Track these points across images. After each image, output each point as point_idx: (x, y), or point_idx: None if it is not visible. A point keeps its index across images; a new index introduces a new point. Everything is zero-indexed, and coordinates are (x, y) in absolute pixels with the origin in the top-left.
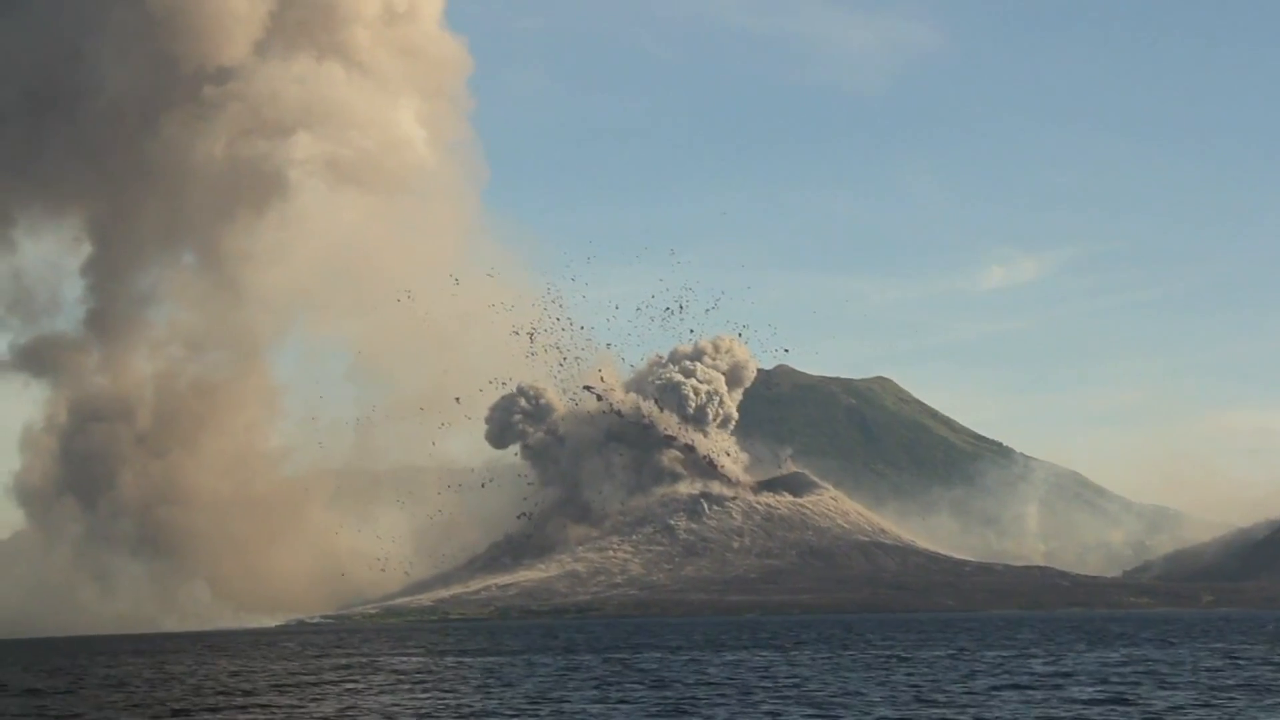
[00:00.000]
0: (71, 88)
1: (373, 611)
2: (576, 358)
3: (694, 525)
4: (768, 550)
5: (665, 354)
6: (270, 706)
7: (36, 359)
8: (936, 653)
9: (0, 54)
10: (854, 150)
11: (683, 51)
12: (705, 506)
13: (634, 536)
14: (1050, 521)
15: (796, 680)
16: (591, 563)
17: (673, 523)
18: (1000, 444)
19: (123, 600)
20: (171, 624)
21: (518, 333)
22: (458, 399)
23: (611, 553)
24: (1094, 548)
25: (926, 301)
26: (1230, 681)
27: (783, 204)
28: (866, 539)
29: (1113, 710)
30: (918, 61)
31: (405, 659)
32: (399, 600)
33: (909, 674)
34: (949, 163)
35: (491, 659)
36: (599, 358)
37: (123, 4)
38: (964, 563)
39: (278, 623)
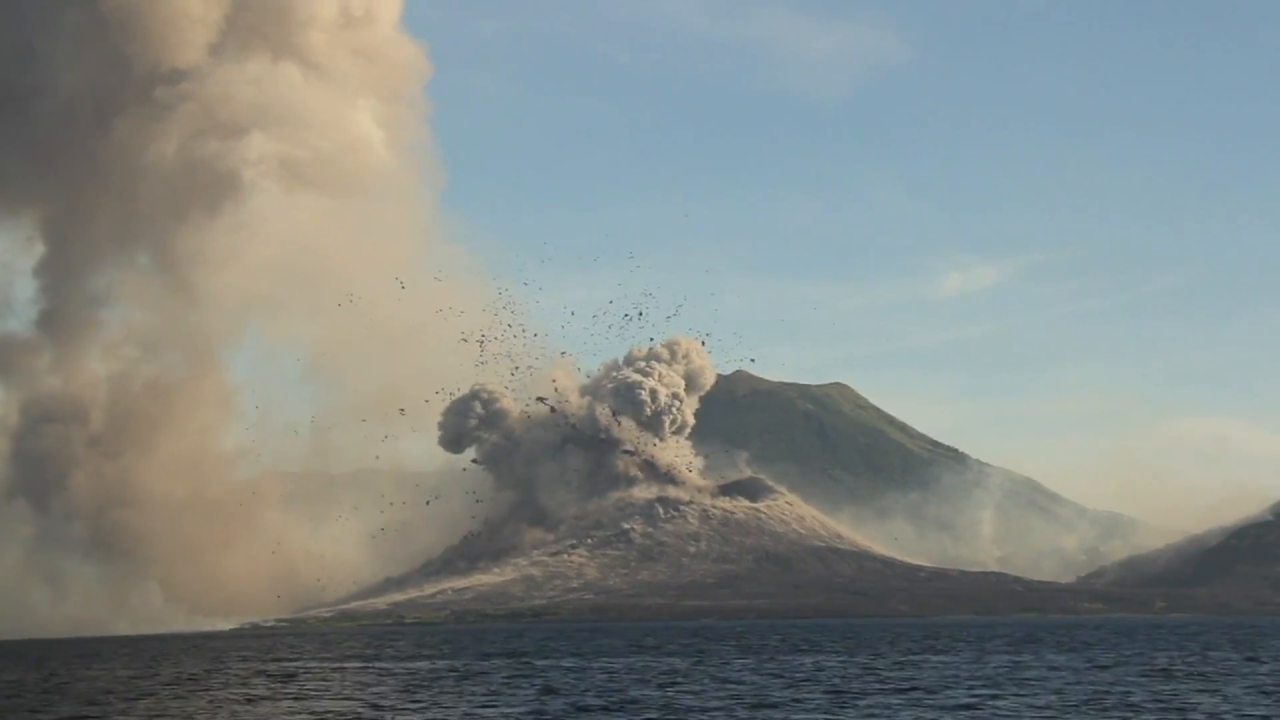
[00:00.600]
0: (25, 87)
1: (327, 615)
2: (529, 366)
3: (650, 530)
4: (724, 555)
5: (621, 357)
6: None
7: None
8: (808, 658)
9: None
10: (813, 156)
11: (643, 56)
12: (661, 511)
13: (589, 541)
14: (1005, 527)
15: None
16: (547, 567)
17: (628, 527)
18: (956, 450)
19: (74, 603)
20: (123, 627)
21: (465, 340)
22: (402, 410)
23: (567, 557)
24: (1048, 554)
25: (885, 308)
26: (1073, 692)
27: (742, 209)
28: (823, 544)
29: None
30: (879, 69)
31: (312, 664)
32: (354, 604)
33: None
34: (908, 169)
35: (406, 664)
36: (553, 364)
37: (77, 5)
38: (919, 568)
39: (231, 626)
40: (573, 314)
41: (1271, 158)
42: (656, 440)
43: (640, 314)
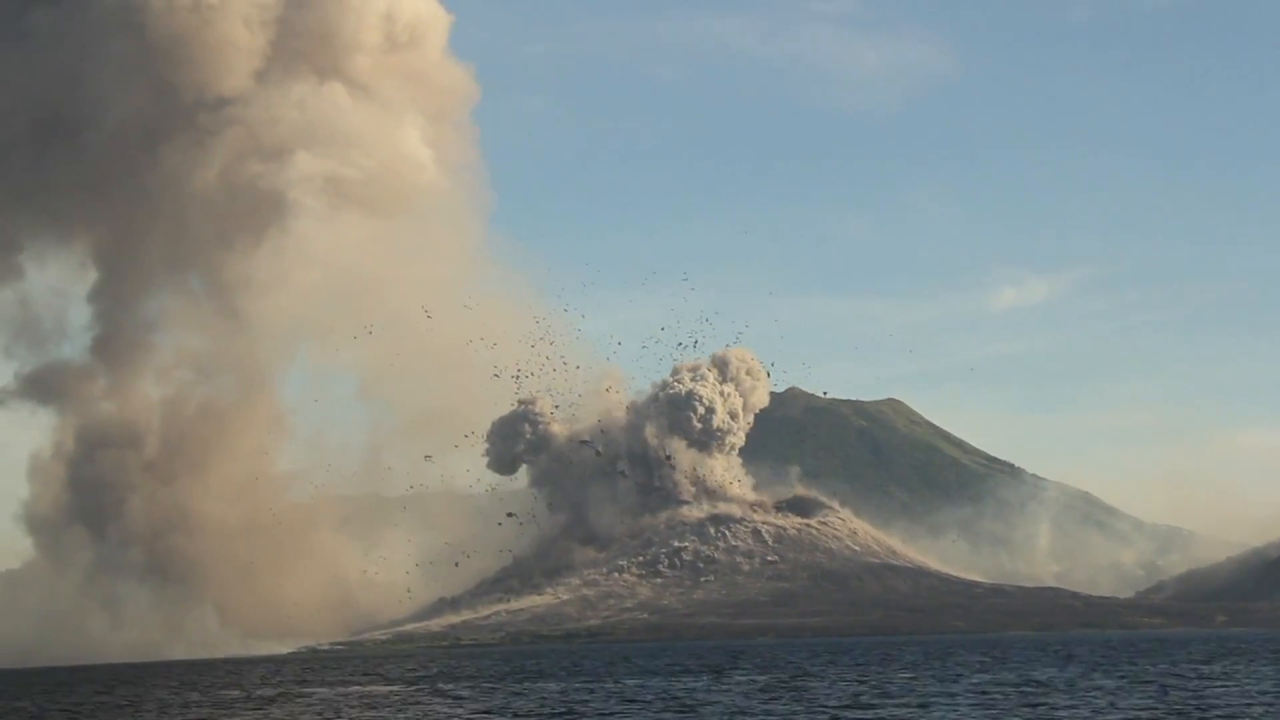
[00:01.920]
0: (75, 117)
1: (383, 638)
2: (571, 404)
3: (703, 548)
4: (779, 573)
5: (670, 372)
6: None
7: (43, 386)
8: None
9: (6, 85)
10: (864, 172)
11: (690, 75)
12: (714, 529)
13: (642, 560)
14: (1062, 542)
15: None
16: (601, 587)
17: (681, 545)
18: (1011, 464)
19: (131, 629)
20: (178, 652)
21: (498, 375)
22: (428, 457)
23: (620, 576)
24: (1106, 568)
25: (937, 323)
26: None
27: (793, 227)
28: (878, 561)
29: None
30: (928, 83)
31: (358, 687)
32: (410, 626)
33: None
34: (960, 184)
35: (451, 684)
36: (603, 374)
37: (123, 34)
38: (975, 584)
39: (289, 649)
40: (619, 344)
41: None
42: (707, 457)
43: (695, 343)
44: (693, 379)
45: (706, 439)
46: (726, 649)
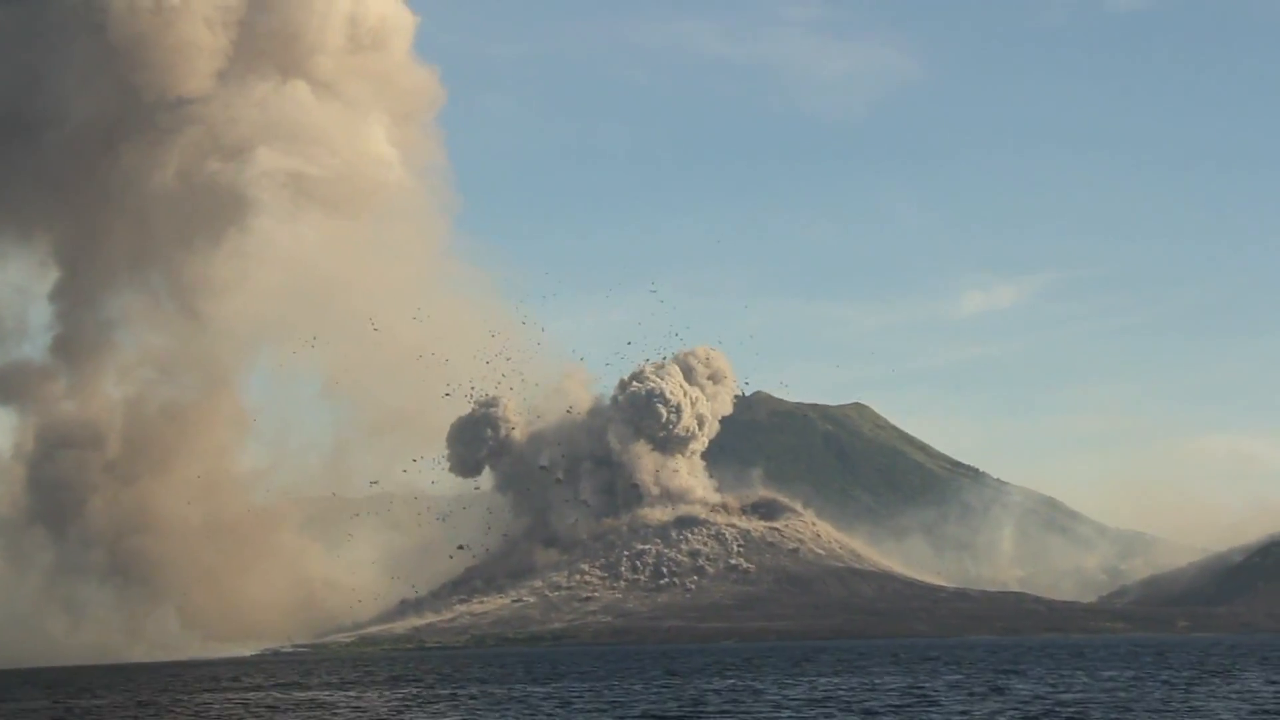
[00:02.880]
0: (35, 115)
1: (347, 640)
2: (533, 405)
3: (666, 551)
4: (743, 576)
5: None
6: None
7: (3, 386)
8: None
9: None
10: (832, 177)
11: (660, 78)
12: (677, 532)
13: (605, 563)
14: (1025, 547)
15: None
16: (565, 589)
17: (644, 548)
18: (975, 469)
19: (91, 630)
20: (139, 654)
21: (449, 394)
22: (405, 470)
23: (585, 579)
24: (1069, 573)
25: (904, 327)
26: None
27: (760, 230)
28: (843, 565)
29: None
30: (895, 88)
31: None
32: (373, 628)
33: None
34: (927, 189)
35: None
36: (565, 374)
37: (85, 35)
38: (940, 588)
39: (251, 652)
40: (583, 359)
41: None
42: (670, 460)
43: (663, 359)
44: (658, 377)
45: (670, 441)
46: (713, 651)
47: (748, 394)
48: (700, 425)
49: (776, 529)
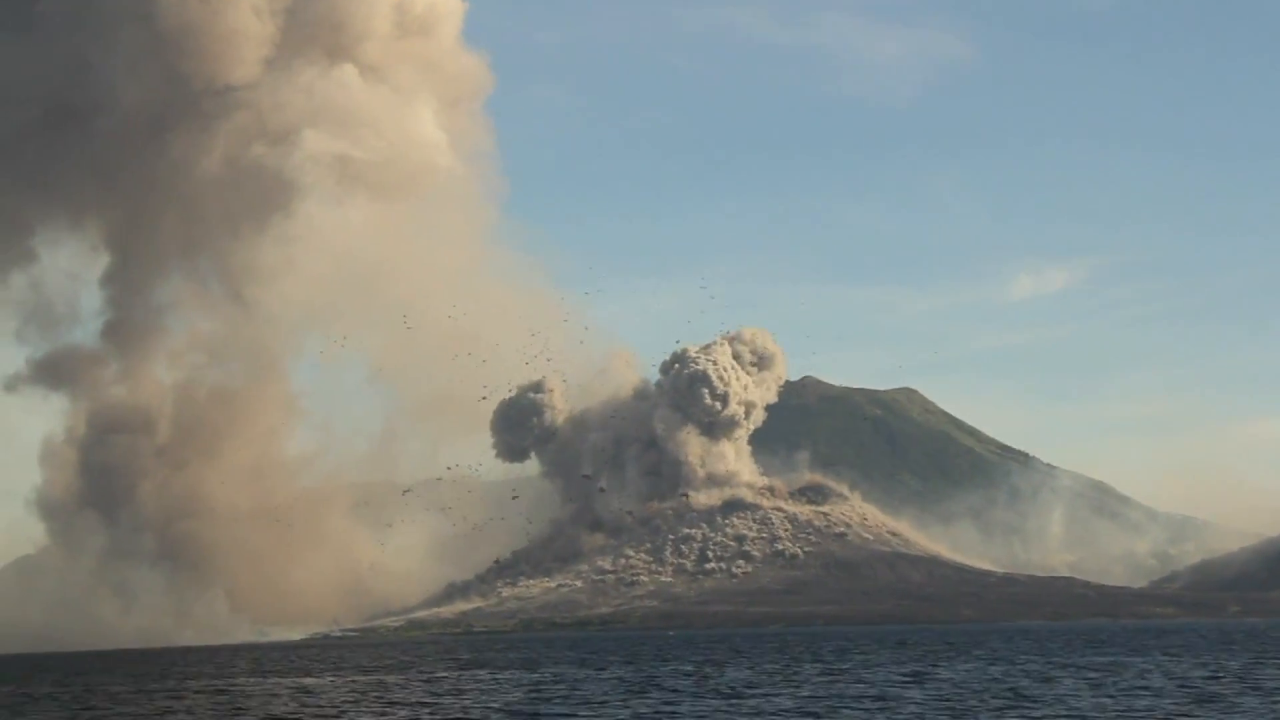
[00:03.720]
0: (86, 103)
1: (396, 624)
2: (580, 384)
3: (712, 535)
4: (791, 561)
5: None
6: None
7: (55, 372)
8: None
9: (18, 72)
10: (881, 161)
11: (707, 64)
12: (723, 516)
13: (653, 547)
14: (1075, 531)
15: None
16: (612, 574)
17: (691, 532)
18: (1025, 454)
19: (142, 614)
20: (188, 638)
21: (485, 398)
22: (449, 468)
23: (632, 564)
24: (1119, 558)
25: (953, 312)
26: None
27: (811, 215)
28: (890, 550)
29: None
30: (945, 72)
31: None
32: (422, 613)
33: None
34: (976, 173)
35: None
36: (612, 357)
37: (133, 23)
38: (988, 574)
39: (300, 636)
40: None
41: None
42: (717, 444)
43: (710, 343)
44: (705, 357)
45: (717, 425)
46: (767, 635)
47: (797, 379)
48: (747, 410)
49: (824, 513)
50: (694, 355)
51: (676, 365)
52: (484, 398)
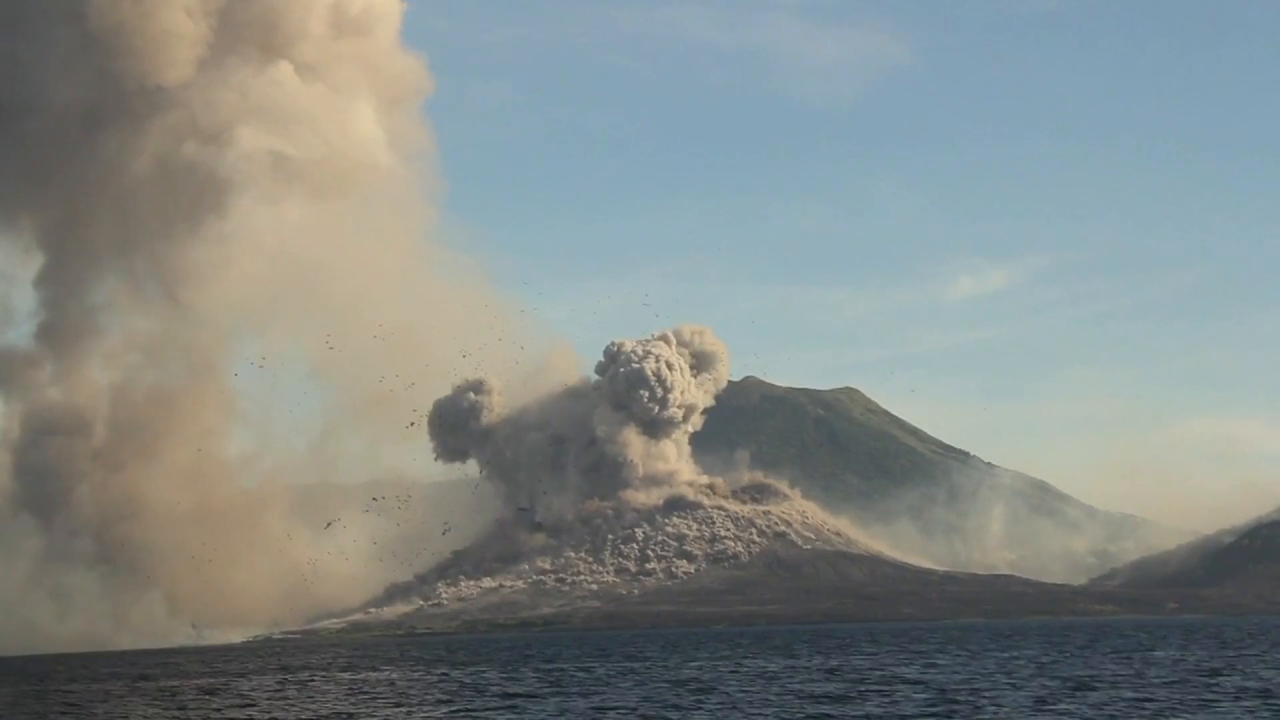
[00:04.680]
0: (17, 103)
1: (338, 626)
2: (520, 382)
3: (654, 534)
4: (734, 560)
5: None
6: None
7: None
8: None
9: None
10: (823, 162)
11: (650, 65)
12: (664, 516)
13: (593, 546)
14: (1015, 530)
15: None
16: (554, 575)
17: (633, 532)
18: (966, 453)
19: (79, 619)
20: (125, 641)
21: (412, 424)
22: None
23: (573, 564)
24: (1058, 556)
25: (895, 312)
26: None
27: (750, 216)
28: (833, 549)
29: None
30: (885, 73)
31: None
32: (364, 614)
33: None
34: (918, 174)
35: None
36: (553, 350)
37: (65, 23)
38: (930, 572)
39: (240, 639)
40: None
41: (1278, 160)
42: (659, 442)
43: (650, 337)
44: (646, 352)
45: (658, 424)
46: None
47: (739, 379)
48: (687, 409)
49: (766, 512)
50: (632, 350)
51: (614, 363)
52: (412, 384)
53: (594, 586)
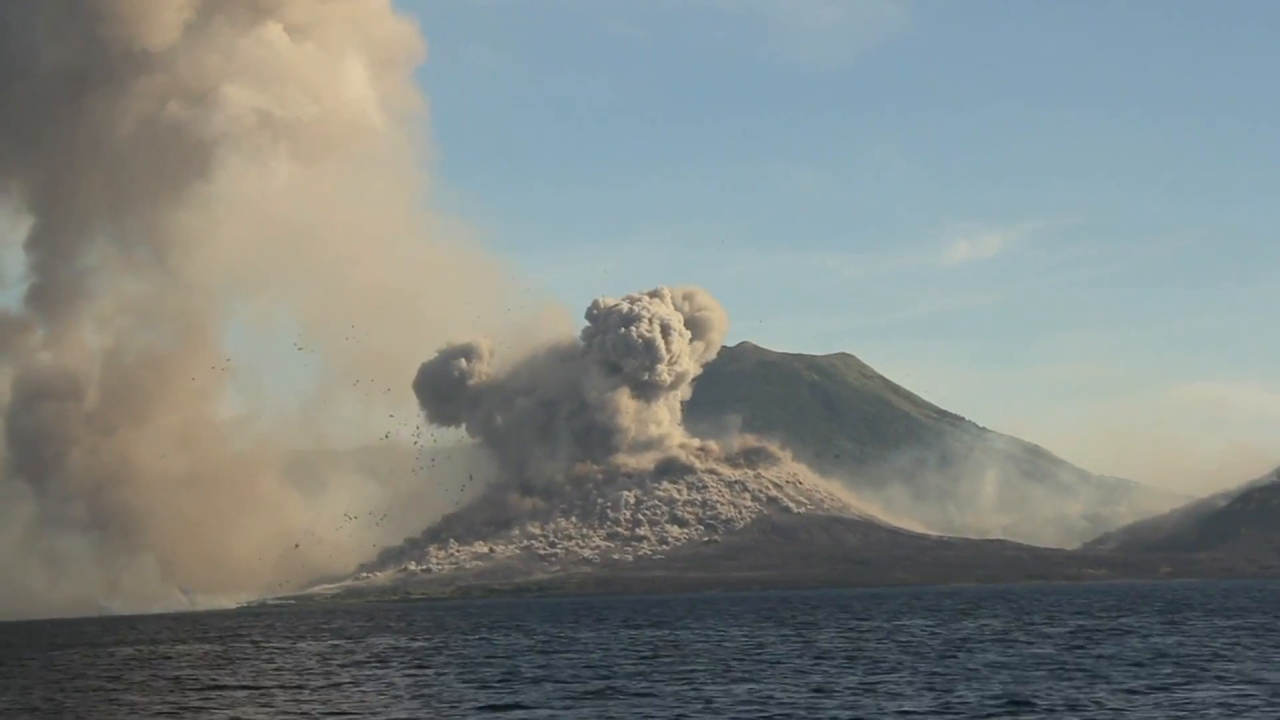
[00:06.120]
0: (6, 67)
1: (334, 591)
2: (511, 343)
3: (645, 499)
4: (727, 525)
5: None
6: None
7: None
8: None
9: None
10: (819, 126)
11: (645, 28)
12: (657, 480)
13: (583, 511)
14: (1008, 494)
15: None
16: (549, 540)
17: (623, 496)
18: (961, 418)
19: (72, 584)
20: (117, 607)
21: (389, 389)
22: (386, 436)
23: (569, 530)
24: (1051, 520)
25: (890, 277)
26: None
27: (746, 180)
28: (827, 514)
29: None
30: (883, 38)
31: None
32: (356, 580)
33: None
34: (914, 138)
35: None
36: (545, 309)
37: None
38: (924, 537)
39: (233, 604)
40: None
41: (1271, 125)
42: (651, 405)
43: (640, 295)
44: (639, 311)
45: (650, 386)
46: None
47: (734, 344)
48: (680, 373)
49: (763, 478)
50: (626, 309)
51: (609, 314)
52: (403, 348)
53: (586, 552)
